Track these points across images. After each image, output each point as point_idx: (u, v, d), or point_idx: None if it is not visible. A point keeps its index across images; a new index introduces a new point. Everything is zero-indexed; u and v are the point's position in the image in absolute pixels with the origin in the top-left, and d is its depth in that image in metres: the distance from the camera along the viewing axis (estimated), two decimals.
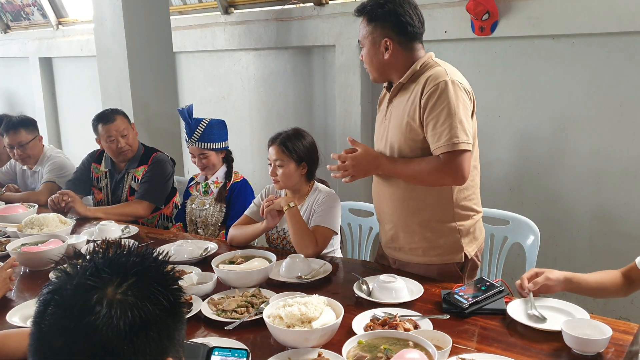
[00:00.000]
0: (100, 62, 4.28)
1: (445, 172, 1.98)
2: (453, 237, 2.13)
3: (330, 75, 4.18)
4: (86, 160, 3.44)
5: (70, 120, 6.55)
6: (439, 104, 1.96)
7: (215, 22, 4.75)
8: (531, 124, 3.34)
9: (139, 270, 0.87)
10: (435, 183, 2.08)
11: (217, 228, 2.97)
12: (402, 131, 2.08)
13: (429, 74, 2.03)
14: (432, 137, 1.98)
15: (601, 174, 3.15)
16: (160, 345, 0.85)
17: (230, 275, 2.02)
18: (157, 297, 0.85)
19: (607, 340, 1.53)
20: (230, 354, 1.19)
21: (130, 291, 0.84)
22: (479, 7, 3.20)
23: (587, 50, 3.08)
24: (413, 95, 2.05)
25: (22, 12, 6.33)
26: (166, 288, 0.88)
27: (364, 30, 2.12)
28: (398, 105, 2.13)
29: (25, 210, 2.98)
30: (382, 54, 2.09)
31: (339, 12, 3.95)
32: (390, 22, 2.06)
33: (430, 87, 1.98)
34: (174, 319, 0.88)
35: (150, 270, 0.89)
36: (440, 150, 1.96)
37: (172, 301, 0.88)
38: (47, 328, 0.82)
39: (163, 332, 0.86)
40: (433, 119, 1.97)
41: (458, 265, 2.16)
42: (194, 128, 2.93)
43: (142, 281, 0.86)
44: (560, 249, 3.33)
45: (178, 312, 0.90)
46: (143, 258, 0.90)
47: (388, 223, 2.24)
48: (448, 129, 1.94)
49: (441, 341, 1.55)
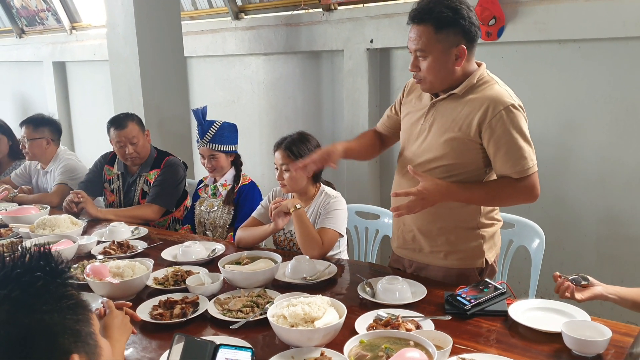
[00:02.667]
0: (113, 66, 4.35)
1: (522, 193, 2.01)
2: (476, 243, 2.13)
3: (339, 80, 4.22)
4: (99, 162, 3.50)
5: (82, 124, 6.63)
6: (510, 130, 1.94)
7: (226, 28, 4.81)
8: (538, 129, 3.34)
9: (9, 278, 0.85)
10: (510, 204, 2.12)
11: (225, 230, 3.01)
12: (446, 141, 2.03)
13: (491, 93, 1.98)
14: (504, 161, 1.97)
15: (608, 178, 3.15)
16: (57, 346, 0.83)
17: (237, 276, 2.06)
18: (36, 303, 0.83)
19: (607, 342, 1.54)
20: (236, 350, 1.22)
21: (3, 306, 0.81)
22: (485, 12, 3.23)
23: (593, 55, 3.10)
24: (468, 110, 1.99)
25: (37, 17, 6.43)
26: (48, 287, 0.86)
27: (432, 38, 1.93)
28: (445, 113, 2.05)
29: (37, 212, 3.03)
30: (452, 63, 1.97)
31: (347, 18, 3.99)
32: (462, 27, 1.93)
33: (498, 111, 1.93)
34: (70, 312, 0.86)
35: (25, 274, 0.86)
36: (517, 175, 1.97)
37: (59, 297, 0.86)
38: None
39: (56, 333, 0.84)
40: (505, 144, 1.95)
41: (477, 271, 2.16)
42: (207, 129, 2.98)
43: (15, 290, 0.83)
44: (567, 252, 3.34)
45: (71, 305, 0.88)
46: (19, 261, 0.87)
47: (408, 225, 2.21)
48: (523, 154, 1.96)
49: (442, 341, 1.58)
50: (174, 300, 1.95)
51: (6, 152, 4.02)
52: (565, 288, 1.76)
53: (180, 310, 1.88)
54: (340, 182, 4.19)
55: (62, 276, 0.90)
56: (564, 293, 1.76)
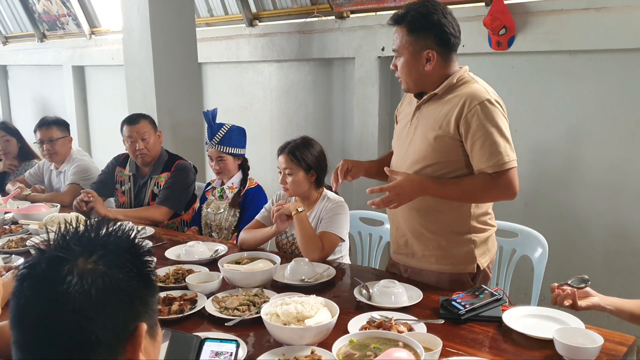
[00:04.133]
0: (128, 71, 4.43)
1: (498, 190, 2.01)
2: (467, 247, 2.14)
3: (350, 87, 4.24)
4: (111, 163, 3.56)
5: (99, 127, 6.74)
6: (485, 124, 1.97)
7: (240, 34, 4.86)
8: (547, 139, 3.34)
9: (107, 241, 0.94)
10: (486, 201, 2.13)
11: (230, 232, 3.04)
12: (429, 141, 2.07)
13: (468, 90, 2.03)
14: (479, 155, 1.99)
15: (616, 190, 3.13)
16: (133, 309, 0.91)
17: (235, 275, 2.08)
18: (126, 266, 0.92)
19: (598, 350, 1.54)
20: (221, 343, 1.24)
21: (100, 261, 0.90)
22: (495, 21, 3.23)
23: (603, 66, 3.08)
24: (447, 108, 2.05)
25: (58, 21, 6.56)
26: (135, 257, 0.94)
27: (403, 40, 2.06)
28: (428, 115, 2.11)
29: (47, 210, 3.09)
30: (422, 65, 2.06)
31: (359, 26, 4.02)
32: (433, 32, 2.02)
33: (473, 106, 1.98)
34: (145, 285, 0.94)
35: (118, 242, 0.95)
36: (492, 169, 1.98)
37: (141, 269, 0.94)
38: (24, 300, 0.88)
39: (135, 297, 0.92)
40: (480, 138, 1.97)
41: (470, 276, 2.17)
42: (216, 131, 3.02)
43: (111, 252, 0.92)
44: (575, 265, 3.31)
45: (148, 279, 0.96)
46: (110, 232, 0.96)
47: (402, 229, 2.24)
48: (497, 148, 1.97)
49: (432, 343, 1.58)
50: (173, 297, 1.98)
51: (16, 154, 4.12)
52: (565, 296, 1.75)
53: (178, 306, 1.91)
54: (349, 188, 4.20)
55: (145, 250, 0.99)
56: (563, 301, 1.76)
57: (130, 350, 0.91)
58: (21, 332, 0.89)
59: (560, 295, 1.76)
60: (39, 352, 0.88)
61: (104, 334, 0.88)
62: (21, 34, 7.39)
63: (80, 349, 0.87)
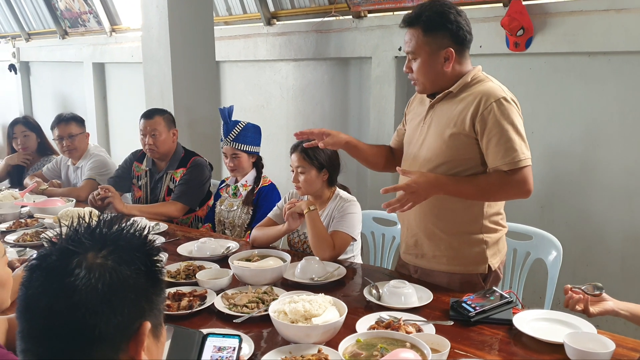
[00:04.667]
0: (146, 68, 4.47)
1: (513, 187, 2.01)
2: (479, 248, 2.13)
3: (366, 87, 4.23)
4: (129, 159, 3.60)
5: (118, 123, 6.80)
6: (501, 121, 1.97)
7: (258, 33, 4.88)
8: (564, 141, 3.30)
9: (118, 237, 0.95)
10: (501, 199, 2.12)
11: (243, 229, 3.05)
12: (443, 139, 2.07)
13: (483, 88, 2.04)
14: (494, 153, 1.99)
15: (635, 194, 3.08)
16: (138, 306, 0.92)
17: (245, 272, 2.09)
18: (135, 263, 0.92)
19: (609, 355, 1.51)
20: (224, 338, 1.24)
21: (110, 256, 0.91)
22: (513, 22, 3.20)
23: (622, 68, 3.03)
24: (462, 106, 2.05)
25: (79, 19, 6.64)
26: (144, 255, 0.95)
27: (420, 41, 2.04)
28: (442, 113, 2.11)
29: (63, 204, 3.13)
30: (441, 64, 2.05)
31: (376, 25, 4.01)
32: (450, 31, 2.03)
33: (489, 103, 1.99)
34: (152, 283, 0.95)
35: (129, 239, 0.96)
36: (507, 167, 1.98)
37: (149, 267, 0.95)
38: (33, 290, 0.90)
39: (141, 294, 0.92)
40: (496, 135, 1.98)
41: (481, 277, 2.16)
42: (231, 128, 3.03)
43: (121, 248, 0.93)
44: (591, 269, 3.26)
45: (156, 278, 0.96)
46: (123, 229, 0.97)
47: (412, 229, 2.23)
48: (513, 145, 1.97)
49: (440, 345, 1.57)
50: (183, 292, 1.99)
51: (35, 148, 4.17)
52: (576, 300, 1.73)
53: (187, 302, 1.92)
54: (364, 188, 4.19)
55: (154, 248, 0.99)
56: (574, 306, 1.73)
57: (132, 348, 0.91)
58: (27, 322, 0.90)
59: (572, 299, 1.73)
60: (42, 344, 0.89)
61: (107, 329, 0.88)
62: (44, 31, 7.49)
63: (83, 342, 0.88)
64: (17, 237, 2.69)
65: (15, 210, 3.12)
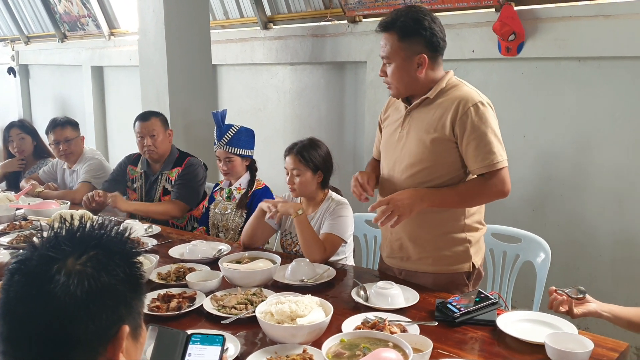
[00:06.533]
0: (142, 71, 4.50)
1: (492, 190, 2.08)
2: (463, 247, 2.18)
3: (361, 91, 4.27)
4: (123, 162, 3.63)
5: (116, 126, 6.84)
6: (479, 125, 2.03)
7: (254, 37, 4.91)
8: (555, 145, 3.33)
9: (98, 244, 0.96)
10: (482, 202, 2.19)
11: (237, 233, 3.07)
12: (425, 145, 2.11)
13: (460, 93, 2.09)
14: (474, 156, 2.05)
15: (625, 199, 3.10)
16: (116, 312, 0.93)
17: (235, 274, 2.12)
18: (114, 269, 0.94)
19: (587, 355, 1.54)
20: (208, 339, 1.27)
21: (89, 262, 0.92)
22: (505, 27, 3.23)
23: (612, 73, 3.06)
24: (441, 111, 2.10)
25: (78, 22, 6.68)
26: (124, 261, 0.96)
27: (395, 46, 2.08)
28: (420, 119, 2.15)
29: (57, 206, 3.16)
30: (414, 70, 2.09)
31: (371, 30, 4.04)
32: (424, 37, 2.06)
33: (467, 108, 2.04)
34: (131, 288, 0.96)
35: (109, 244, 0.97)
36: (486, 169, 2.05)
37: (129, 273, 0.96)
38: (13, 294, 0.91)
39: (119, 300, 0.94)
40: (475, 140, 2.03)
41: (465, 275, 2.20)
42: (224, 132, 3.06)
43: (101, 254, 0.94)
44: (582, 272, 3.29)
45: (135, 283, 0.98)
46: (103, 233, 0.98)
47: (397, 233, 2.25)
48: (492, 148, 2.03)
49: (423, 345, 1.60)
50: (172, 294, 2.01)
51: (31, 151, 4.20)
52: (560, 302, 1.76)
53: (176, 303, 1.94)
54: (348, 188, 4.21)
55: (134, 253, 1.01)
56: (558, 307, 1.76)
57: (110, 351, 0.93)
58: (6, 325, 0.92)
59: (556, 300, 1.76)
60: (20, 347, 0.90)
61: (85, 335, 0.90)
62: (43, 34, 7.54)
63: (60, 347, 0.90)
64: (11, 239, 2.72)
65: (10, 213, 3.14)
